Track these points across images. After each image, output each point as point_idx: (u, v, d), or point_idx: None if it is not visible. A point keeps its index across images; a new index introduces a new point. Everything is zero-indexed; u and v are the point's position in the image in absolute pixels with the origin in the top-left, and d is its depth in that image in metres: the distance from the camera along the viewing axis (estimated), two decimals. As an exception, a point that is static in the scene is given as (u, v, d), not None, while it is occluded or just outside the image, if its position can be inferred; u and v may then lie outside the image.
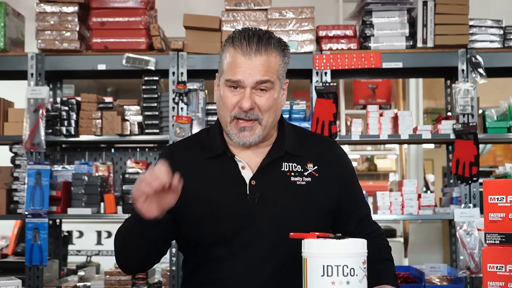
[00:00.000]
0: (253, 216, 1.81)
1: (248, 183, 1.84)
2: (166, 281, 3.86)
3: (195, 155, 1.90)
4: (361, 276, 1.41)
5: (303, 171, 1.88)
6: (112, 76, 4.41)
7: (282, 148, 1.89)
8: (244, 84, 1.79)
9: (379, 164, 8.92)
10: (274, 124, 1.88)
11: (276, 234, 1.80)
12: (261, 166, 1.86)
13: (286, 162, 1.88)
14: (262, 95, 1.80)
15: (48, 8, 3.88)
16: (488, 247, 1.52)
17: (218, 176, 1.86)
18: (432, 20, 3.84)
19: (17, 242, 5.08)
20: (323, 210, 1.88)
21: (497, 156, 7.89)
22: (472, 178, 3.73)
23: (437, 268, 4.02)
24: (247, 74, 1.78)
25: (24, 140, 3.78)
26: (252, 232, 1.80)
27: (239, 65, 1.78)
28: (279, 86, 1.85)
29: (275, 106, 1.83)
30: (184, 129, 3.77)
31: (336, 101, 3.79)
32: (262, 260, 1.80)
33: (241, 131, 1.81)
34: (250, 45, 1.78)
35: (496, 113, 3.92)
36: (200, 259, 1.87)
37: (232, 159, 1.87)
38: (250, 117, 1.80)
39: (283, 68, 1.86)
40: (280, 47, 1.84)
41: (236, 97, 1.80)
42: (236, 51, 1.80)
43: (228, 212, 1.82)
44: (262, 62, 1.79)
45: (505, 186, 1.52)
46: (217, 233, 1.82)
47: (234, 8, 3.90)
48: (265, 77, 1.79)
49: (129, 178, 3.88)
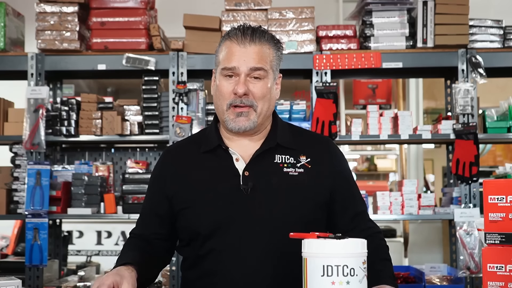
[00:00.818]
0: (246, 206, 1.85)
1: (241, 174, 1.89)
2: (166, 281, 3.86)
3: (192, 150, 1.98)
4: (361, 276, 1.41)
5: (296, 163, 1.93)
6: (112, 76, 4.41)
7: (274, 140, 1.95)
8: (239, 71, 1.87)
9: (379, 164, 8.92)
10: (268, 114, 1.95)
11: (270, 223, 1.85)
12: (253, 157, 1.91)
13: (279, 154, 1.93)
14: (256, 83, 1.88)
15: (48, 8, 3.88)
16: (488, 247, 1.52)
17: (213, 168, 1.92)
18: (432, 20, 3.84)
19: (17, 242, 5.08)
20: (315, 200, 1.91)
21: (497, 156, 7.89)
22: (472, 178, 3.73)
23: (437, 268, 4.02)
24: (241, 61, 1.87)
25: (24, 140, 3.78)
26: (246, 222, 1.84)
27: (234, 53, 1.88)
28: (273, 77, 1.93)
29: (269, 95, 1.91)
30: (184, 129, 3.77)
31: (336, 101, 3.79)
32: (257, 250, 1.83)
33: (237, 116, 1.89)
34: (245, 35, 1.88)
35: (496, 113, 3.92)
36: (197, 252, 1.90)
37: (226, 152, 1.93)
38: (246, 103, 1.88)
39: (276, 60, 1.94)
40: (273, 41, 1.94)
41: (232, 84, 1.88)
42: (231, 42, 1.90)
43: (222, 202, 1.87)
44: (256, 51, 1.88)
45: (505, 186, 1.52)
46: (212, 223, 1.86)
47: (234, 8, 3.90)
48: (259, 65, 1.87)
49: (129, 178, 3.88)
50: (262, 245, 1.83)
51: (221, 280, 1.85)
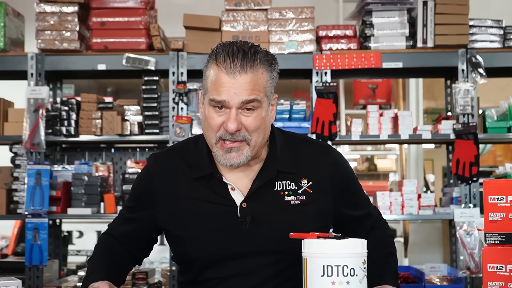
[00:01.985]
0: (245, 240, 1.76)
1: (239, 205, 1.77)
2: (166, 281, 3.86)
3: (183, 171, 1.83)
4: (361, 276, 1.41)
5: (297, 189, 1.80)
6: (112, 76, 4.41)
7: (274, 168, 1.79)
8: (229, 105, 1.68)
9: (379, 164, 8.92)
10: (264, 143, 1.78)
11: (270, 256, 1.77)
12: (252, 190, 1.78)
13: (279, 181, 1.80)
14: (249, 115, 1.70)
15: (48, 8, 3.88)
16: (488, 247, 1.52)
17: (207, 198, 1.79)
18: (432, 20, 3.84)
19: (17, 242, 5.07)
20: (318, 227, 1.75)
21: (497, 156, 7.88)
22: (472, 178, 3.73)
23: (437, 268, 4.02)
24: (232, 94, 1.66)
25: (24, 140, 3.78)
26: (246, 255, 1.76)
27: (223, 85, 1.67)
28: (267, 103, 1.75)
29: (263, 125, 1.73)
30: (184, 129, 3.77)
31: (336, 101, 3.79)
32: (259, 281, 1.77)
33: (227, 153, 1.71)
34: (235, 63, 1.67)
35: (496, 113, 3.93)
36: (194, 277, 1.84)
37: (221, 181, 1.79)
38: (237, 139, 1.70)
39: (270, 84, 1.74)
40: (267, 62, 1.73)
41: (222, 117, 1.70)
42: (219, 69, 1.68)
43: (220, 235, 1.77)
44: (247, 81, 1.67)
45: (505, 186, 1.52)
46: (210, 256, 1.78)
47: (234, 8, 3.90)
48: (252, 96, 1.67)
49: (129, 178, 3.88)
50: (265, 276, 1.78)
51: None
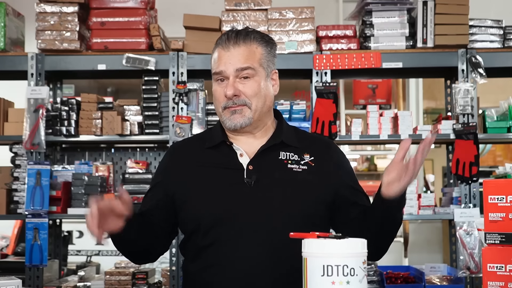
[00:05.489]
0: (249, 199, 1.88)
1: (245, 168, 1.92)
2: (166, 281, 3.86)
3: (197, 146, 2.03)
4: (361, 276, 1.41)
5: (300, 160, 1.97)
6: (112, 76, 4.41)
7: (279, 137, 1.98)
8: (226, 74, 1.92)
9: (379, 164, 8.92)
10: (265, 110, 1.97)
11: (272, 216, 1.87)
12: (258, 152, 1.95)
13: (283, 151, 1.97)
14: (245, 82, 1.92)
15: (48, 8, 3.88)
16: (488, 247, 1.53)
17: (217, 163, 1.96)
18: (432, 20, 3.84)
19: (17, 242, 5.08)
20: (318, 196, 1.94)
21: (497, 156, 7.88)
22: (472, 178, 3.73)
23: (437, 268, 4.02)
24: (227, 64, 1.91)
25: (24, 140, 3.78)
26: (249, 214, 1.87)
27: (220, 58, 1.94)
28: (265, 74, 1.96)
29: (262, 92, 1.94)
30: (184, 129, 3.77)
31: (336, 101, 3.79)
32: (259, 242, 1.86)
33: (232, 114, 1.93)
34: (229, 39, 1.93)
35: (496, 113, 3.92)
36: (199, 244, 1.92)
37: (230, 148, 1.98)
38: (238, 103, 1.92)
39: (266, 57, 1.96)
40: (263, 39, 1.97)
41: (223, 88, 1.93)
42: (218, 48, 1.96)
43: (224, 195, 1.91)
44: (240, 52, 1.92)
45: (505, 186, 1.52)
46: (214, 214, 1.89)
47: (234, 8, 3.90)
48: (245, 64, 1.91)
49: (129, 178, 3.88)
50: (264, 237, 1.86)
51: (222, 271, 1.87)
